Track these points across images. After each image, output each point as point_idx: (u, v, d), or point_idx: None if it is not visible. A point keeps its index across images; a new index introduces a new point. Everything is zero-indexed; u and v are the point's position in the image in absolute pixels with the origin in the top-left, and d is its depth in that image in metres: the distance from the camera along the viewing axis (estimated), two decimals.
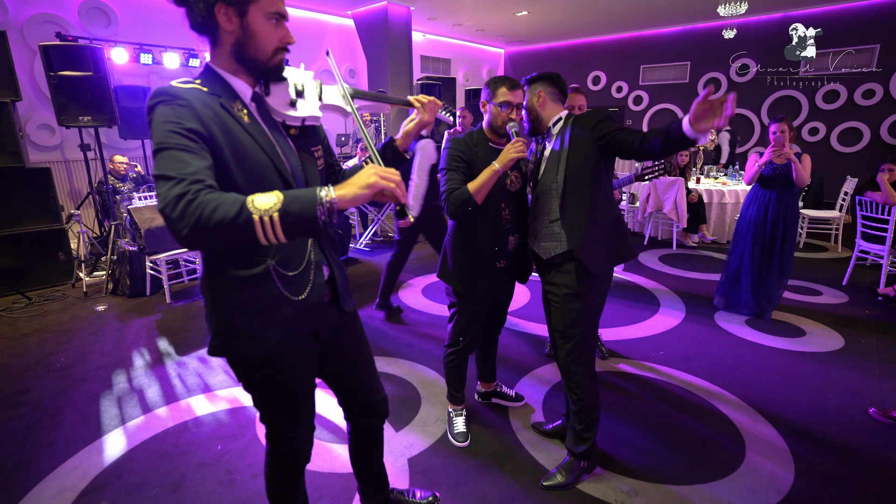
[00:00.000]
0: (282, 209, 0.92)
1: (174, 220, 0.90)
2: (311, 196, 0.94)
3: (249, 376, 1.25)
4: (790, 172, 3.39)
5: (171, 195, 0.91)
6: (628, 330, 3.47)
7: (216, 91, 1.11)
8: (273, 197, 0.93)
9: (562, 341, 1.91)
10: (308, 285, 1.22)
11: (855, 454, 2.15)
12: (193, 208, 0.90)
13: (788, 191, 3.47)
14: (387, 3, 7.54)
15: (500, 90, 1.89)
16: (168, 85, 1.05)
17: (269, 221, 0.91)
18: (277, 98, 1.21)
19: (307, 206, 0.93)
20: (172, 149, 0.96)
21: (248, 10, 1.08)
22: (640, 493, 1.93)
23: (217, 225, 0.90)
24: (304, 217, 0.93)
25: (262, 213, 0.91)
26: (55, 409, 2.55)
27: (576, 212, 1.82)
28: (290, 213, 0.92)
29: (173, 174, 0.93)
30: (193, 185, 0.92)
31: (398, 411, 2.49)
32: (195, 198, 0.91)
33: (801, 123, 8.55)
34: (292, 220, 0.93)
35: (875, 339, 3.27)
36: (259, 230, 0.91)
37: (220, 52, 1.13)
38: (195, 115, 1.02)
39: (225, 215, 0.90)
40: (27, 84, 5.40)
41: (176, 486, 1.99)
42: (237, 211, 0.91)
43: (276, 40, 1.13)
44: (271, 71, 1.16)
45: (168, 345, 3.29)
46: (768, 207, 3.50)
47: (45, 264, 4.53)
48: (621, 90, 10.56)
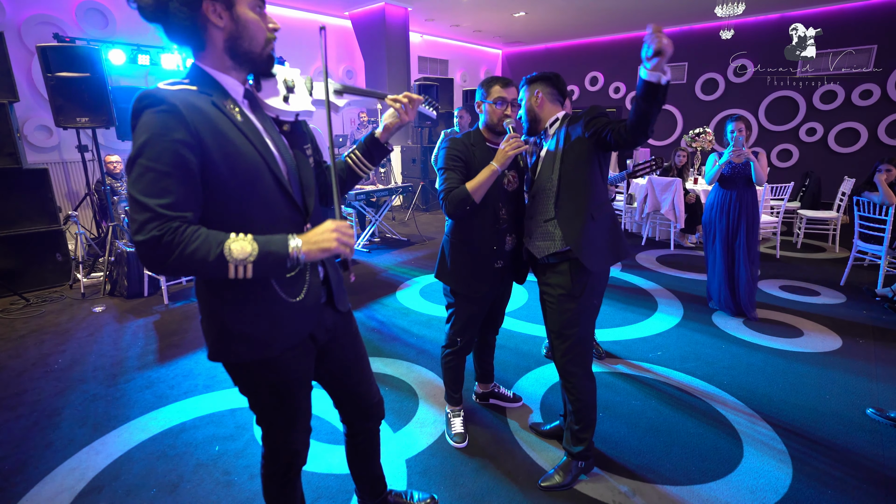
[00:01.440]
0: (257, 259, 1.00)
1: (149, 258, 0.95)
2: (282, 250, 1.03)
3: (246, 379, 1.25)
4: (749, 171, 3.45)
5: (150, 234, 0.93)
6: (626, 330, 3.47)
7: (206, 90, 1.07)
8: (248, 246, 1.00)
9: (558, 342, 1.91)
10: (305, 286, 1.22)
11: (852, 455, 2.15)
12: (172, 248, 0.95)
13: (748, 189, 3.52)
14: (384, 4, 7.54)
15: (494, 88, 1.91)
16: (154, 87, 1.01)
17: (242, 269, 1.00)
18: (269, 94, 1.20)
19: (279, 261, 1.03)
20: (153, 171, 0.95)
21: (234, 1, 1.06)
22: (637, 494, 1.93)
23: (193, 265, 0.97)
24: (273, 264, 1.03)
25: (237, 262, 0.99)
26: (53, 410, 2.55)
27: (572, 210, 1.83)
28: (261, 262, 1.01)
29: (152, 205, 0.94)
30: (172, 224, 0.95)
31: (396, 412, 2.49)
32: (173, 238, 0.94)
33: (798, 124, 8.57)
34: (263, 267, 1.02)
35: (872, 339, 3.28)
36: (231, 272, 0.99)
37: (209, 53, 1.09)
38: (181, 122, 0.98)
39: (203, 258, 0.96)
40: (24, 85, 5.39)
41: (174, 487, 1.99)
42: (215, 257, 0.97)
43: (265, 29, 1.12)
44: (266, 61, 1.15)
45: (166, 346, 3.29)
46: (730, 206, 3.55)
47: (43, 265, 4.52)
48: (619, 91, 10.58)
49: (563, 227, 1.84)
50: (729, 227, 3.57)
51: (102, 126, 4.48)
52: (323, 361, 1.40)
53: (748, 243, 3.54)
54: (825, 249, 5.68)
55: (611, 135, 1.68)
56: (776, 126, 8.76)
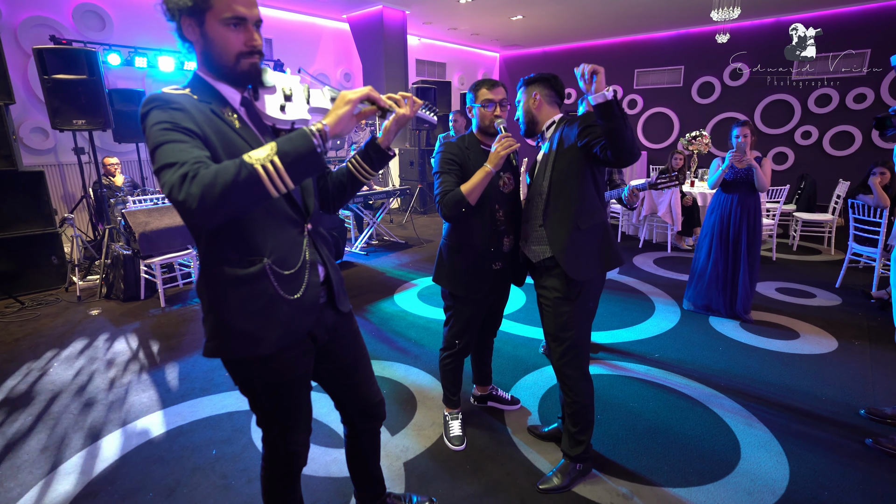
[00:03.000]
0: (279, 151, 0.94)
1: (181, 201, 0.92)
2: (301, 132, 0.98)
3: (246, 378, 1.25)
4: (751, 177, 3.45)
5: (175, 178, 0.92)
6: (623, 333, 3.48)
7: (205, 98, 1.12)
8: (266, 147, 0.96)
9: (554, 345, 1.92)
10: (303, 284, 1.22)
11: (850, 456, 2.16)
12: (196, 183, 0.92)
13: (750, 195, 3.51)
14: (382, 7, 7.56)
15: (481, 91, 1.93)
16: (160, 91, 1.07)
17: (272, 167, 0.93)
18: (267, 102, 1.22)
19: (302, 141, 0.97)
20: (170, 143, 0.98)
21: (204, 18, 1.08)
22: (636, 496, 1.93)
23: (223, 190, 0.91)
24: (302, 151, 0.96)
25: (262, 161, 0.93)
26: (48, 414, 2.53)
27: (558, 217, 1.84)
28: (287, 152, 0.94)
29: (174, 160, 0.94)
30: (195, 166, 0.94)
31: (394, 415, 2.49)
32: (196, 174, 0.92)
33: (793, 127, 8.62)
34: (292, 159, 0.95)
35: (868, 341, 3.29)
36: (266, 180, 0.93)
37: (200, 62, 1.15)
38: (189, 118, 1.03)
39: (227, 178, 0.92)
40: (21, 87, 5.37)
41: (170, 491, 1.98)
42: (237, 169, 0.93)
43: (238, 45, 1.11)
44: (241, 76, 1.14)
45: (162, 349, 3.28)
46: (732, 211, 3.55)
47: (39, 268, 4.50)
48: (616, 94, 10.62)
49: (550, 233, 1.85)
50: (730, 232, 3.56)
51: (99, 128, 4.47)
52: (323, 361, 1.40)
53: (749, 248, 3.54)
54: (821, 252, 5.71)
55: (601, 151, 1.67)
56: (772, 129, 8.81)
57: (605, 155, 1.65)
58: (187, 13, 1.07)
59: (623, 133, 1.54)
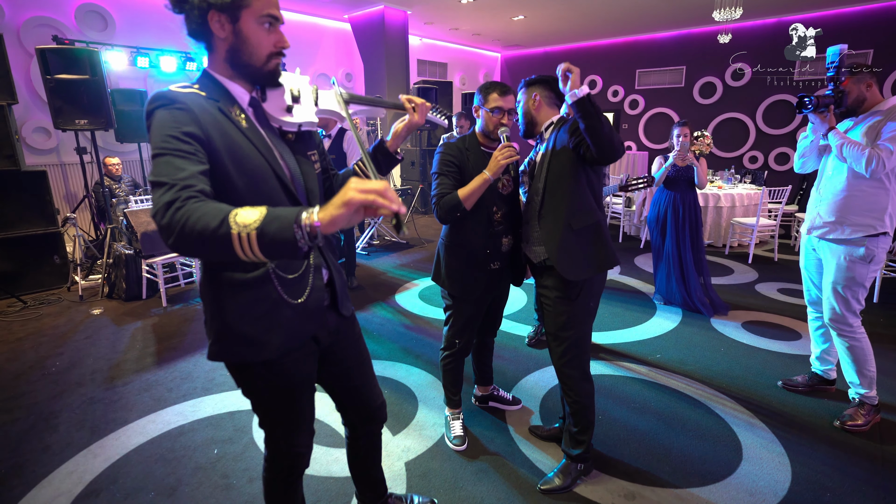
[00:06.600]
0: (260, 228, 0.86)
1: (162, 227, 0.90)
2: (290, 217, 0.87)
3: (249, 381, 1.25)
4: (691, 174, 3.75)
5: (162, 202, 0.90)
6: (624, 333, 3.47)
7: (214, 96, 1.11)
8: (256, 213, 0.88)
9: (554, 344, 1.92)
10: (307, 288, 1.22)
11: (851, 457, 2.15)
12: (179, 216, 0.88)
13: (690, 191, 3.83)
14: (383, 7, 7.56)
15: (492, 96, 1.91)
16: (166, 89, 1.05)
17: (245, 238, 0.86)
18: (274, 104, 1.21)
19: (285, 228, 0.86)
20: (168, 154, 0.96)
21: (240, 15, 1.07)
22: (637, 497, 1.93)
23: (199, 235, 0.87)
24: (279, 239, 0.86)
25: (240, 228, 0.87)
26: (50, 413, 2.54)
27: (551, 218, 1.84)
28: (266, 232, 0.86)
29: (166, 180, 0.93)
30: (183, 192, 0.91)
31: (395, 415, 2.49)
32: (183, 205, 0.89)
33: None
34: (268, 241, 0.87)
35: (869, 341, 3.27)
36: (237, 245, 0.87)
37: (215, 59, 1.13)
38: (193, 119, 1.02)
39: (206, 226, 0.87)
40: (23, 87, 5.39)
41: (172, 490, 1.98)
42: (218, 223, 0.87)
43: (269, 45, 1.11)
44: (266, 76, 1.15)
45: (164, 348, 3.28)
46: (674, 207, 3.82)
47: (41, 268, 4.51)
48: (617, 94, 10.61)
49: (544, 234, 1.86)
50: (677, 227, 3.80)
51: (101, 128, 4.48)
52: (325, 364, 1.40)
53: (693, 246, 3.79)
54: None
55: (584, 150, 1.71)
56: (774, 130, 8.79)
57: (588, 153, 1.69)
58: (219, 8, 1.05)
59: (600, 130, 1.58)
